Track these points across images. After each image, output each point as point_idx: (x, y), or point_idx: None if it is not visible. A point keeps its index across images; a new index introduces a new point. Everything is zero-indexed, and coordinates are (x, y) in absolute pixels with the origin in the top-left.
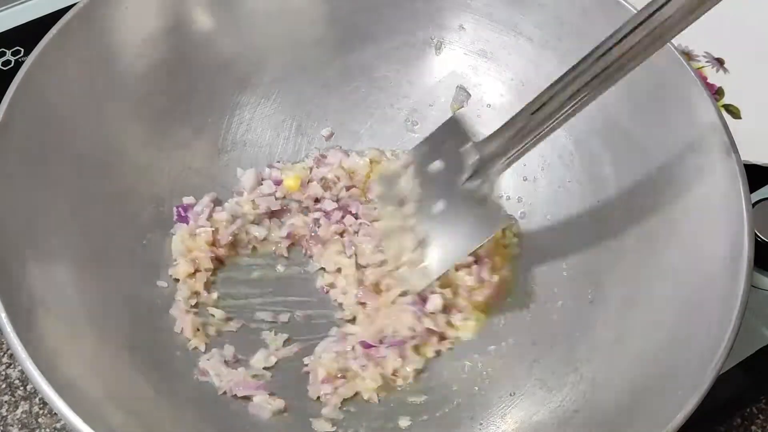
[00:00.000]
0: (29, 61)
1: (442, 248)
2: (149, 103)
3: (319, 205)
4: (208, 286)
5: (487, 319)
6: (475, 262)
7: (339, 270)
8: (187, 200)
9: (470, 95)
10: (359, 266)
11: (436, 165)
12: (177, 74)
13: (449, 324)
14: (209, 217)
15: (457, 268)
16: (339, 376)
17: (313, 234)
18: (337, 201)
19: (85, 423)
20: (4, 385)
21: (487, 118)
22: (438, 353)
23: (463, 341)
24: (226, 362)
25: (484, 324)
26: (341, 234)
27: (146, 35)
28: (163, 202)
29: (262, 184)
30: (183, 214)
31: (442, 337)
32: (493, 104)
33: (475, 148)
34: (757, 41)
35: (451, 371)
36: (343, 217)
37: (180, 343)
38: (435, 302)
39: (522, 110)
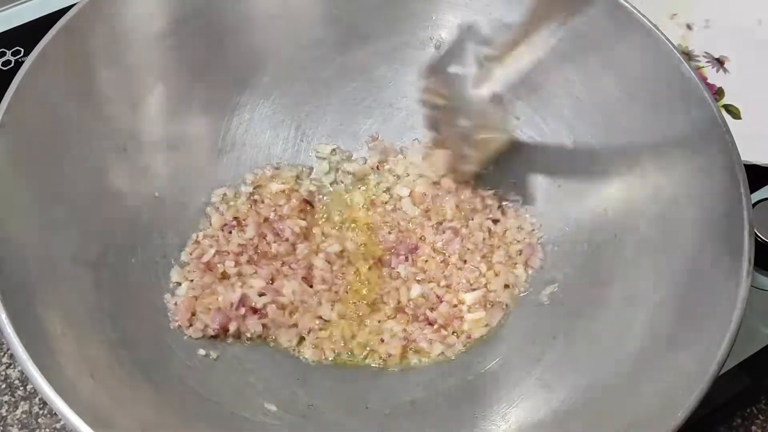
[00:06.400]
0: (29, 61)
1: None
2: (148, 104)
3: None
4: None
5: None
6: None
7: None
8: None
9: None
10: None
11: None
12: (176, 75)
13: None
14: None
15: None
16: None
17: None
18: None
19: (85, 423)
20: (4, 385)
21: None
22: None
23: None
24: None
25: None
26: None
27: (146, 36)
28: (163, 203)
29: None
30: None
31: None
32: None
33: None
34: (757, 41)
35: None
36: None
37: (181, 342)
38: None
39: None
